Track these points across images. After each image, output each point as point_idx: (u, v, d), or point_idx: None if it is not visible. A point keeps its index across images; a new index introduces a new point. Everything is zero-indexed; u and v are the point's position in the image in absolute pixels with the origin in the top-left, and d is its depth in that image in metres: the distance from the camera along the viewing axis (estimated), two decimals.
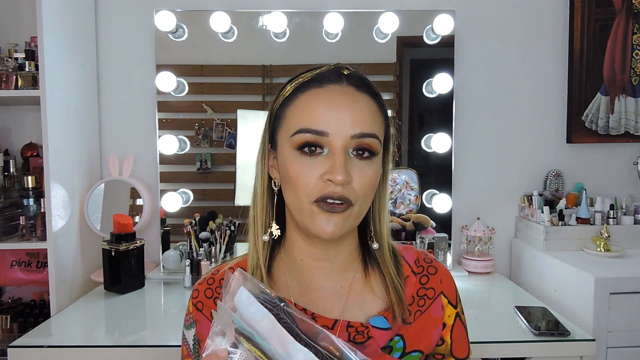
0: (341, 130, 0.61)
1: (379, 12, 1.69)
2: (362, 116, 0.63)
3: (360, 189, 0.63)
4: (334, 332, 0.67)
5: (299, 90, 0.65)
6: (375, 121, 0.65)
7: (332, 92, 0.63)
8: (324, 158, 0.62)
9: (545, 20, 1.80)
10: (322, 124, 0.61)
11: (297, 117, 0.64)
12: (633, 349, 1.35)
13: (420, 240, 1.72)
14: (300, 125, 0.62)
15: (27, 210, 1.49)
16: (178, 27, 1.71)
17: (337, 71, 0.66)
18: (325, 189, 0.61)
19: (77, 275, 1.56)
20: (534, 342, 1.15)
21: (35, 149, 1.72)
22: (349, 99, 0.63)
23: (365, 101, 0.64)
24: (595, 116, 1.79)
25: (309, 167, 0.62)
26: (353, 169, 0.62)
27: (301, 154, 0.62)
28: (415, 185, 1.78)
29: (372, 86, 0.68)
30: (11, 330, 1.55)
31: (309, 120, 0.62)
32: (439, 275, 0.74)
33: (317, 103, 0.63)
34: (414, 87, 1.78)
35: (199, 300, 0.72)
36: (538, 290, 1.60)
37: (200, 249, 1.65)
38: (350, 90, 0.64)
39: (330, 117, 0.61)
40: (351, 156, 0.63)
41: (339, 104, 0.62)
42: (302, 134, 0.62)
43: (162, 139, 1.72)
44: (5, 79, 1.44)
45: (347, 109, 0.62)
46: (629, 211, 1.72)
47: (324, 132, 0.61)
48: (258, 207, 0.70)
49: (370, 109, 0.65)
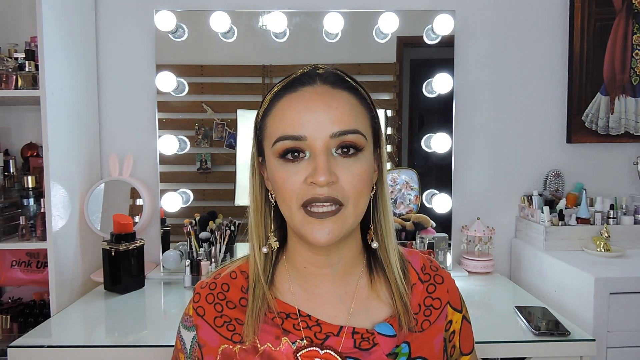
0: (319, 131, 0.60)
1: (379, 12, 1.69)
2: (339, 113, 0.61)
3: (349, 187, 0.61)
4: (340, 338, 0.67)
5: (275, 99, 0.65)
6: (357, 116, 0.63)
7: (306, 95, 0.63)
8: (307, 162, 0.61)
9: (545, 20, 1.80)
10: (299, 129, 0.60)
11: (275, 125, 0.63)
12: (633, 349, 1.35)
13: (420, 240, 1.72)
14: (279, 134, 0.62)
15: (27, 210, 1.49)
16: (178, 27, 1.71)
17: (310, 73, 0.65)
18: (310, 192, 0.60)
19: (77, 275, 1.56)
20: (534, 342, 1.15)
21: (35, 149, 1.72)
22: (323, 99, 0.62)
23: (343, 97, 0.63)
24: (595, 116, 1.79)
25: (293, 173, 0.61)
26: (338, 167, 0.61)
27: (284, 161, 0.62)
28: (415, 185, 1.78)
29: (349, 81, 0.66)
30: (11, 330, 1.55)
31: (286, 127, 0.61)
32: (445, 285, 0.75)
33: (292, 108, 0.62)
34: (414, 87, 1.78)
35: (200, 306, 0.72)
36: (538, 290, 1.60)
37: (200, 249, 1.65)
38: (325, 89, 0.63)
39: (306, 120, 0.61)
40: (335, 155, 0.62)
41: (314, 106, 0.61)
42: (282, 142, 0.61)
43: (162, 139, 1.72)
44: (5, 79, 1.44)
45: (323, 109, 0.61)
46: (629, 211, 1.72)
47: (301, 136, 0.60)
48: (253, 222, 0.69)
49: (349, 104, 0.63)
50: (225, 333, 0.69)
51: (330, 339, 0.67)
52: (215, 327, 0.70)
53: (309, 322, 0.68)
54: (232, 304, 0.71)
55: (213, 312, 0.71)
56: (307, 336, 0.67)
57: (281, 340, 0.67)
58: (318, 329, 0.67)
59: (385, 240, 0.69)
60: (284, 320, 0.68)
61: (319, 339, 0.67)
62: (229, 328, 0.69)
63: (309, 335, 0.67)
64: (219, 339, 0.69)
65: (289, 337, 0.67)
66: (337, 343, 0.67)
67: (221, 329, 0.70)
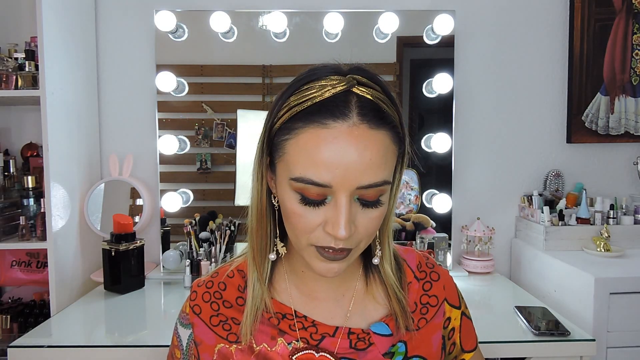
0: (347, 182, 0.54)
1: (379, 12, 1.69)
2: (372, 164, 0.54)
3: (364, 232, 0.58)
4: (335, 339, 0.66)
5: (299, 121, 0.56)
6: (387, 161, 0.57)
7: (338, 136, 0.54)
8: (327, 206, 0.56)
9: (545, 20, 1.80)
10: (325, 176, 0.54)
11: (296, 158, 0.56)
12: (633, 349, 1.35)
13: (420, 240, 1.72)
14: (300, 172, 0.55)
15: (27, 210, 1.49)
16: (178, 27, 1.71)
17: (344, 98, 0.55)
18: (326, 240, 0.57)
19: (77, 275, 1.56)
20: (534, 342, 1.15)
21: (35, 149, 1.72)
22: (358, 144, 0.54)
23: (379, 140, 0.55)
24: (595, 116, 1.79)
25: (310, 213, 0.57)
26: (358, 215, 0.57)
27: (303, 201, 0.57)
28: (415, 185, 1.78)
29: (390, 116, 0.57)
30: (11, 330, 1.55)
31: (310, 169, 0.54)
32: (441, 281, 0.74)
33: (320, 149, 0.54)
34: (414, 87, 1.78)
35: (197, 304, 0.71)
36: (538, 290, 1.60)
37: (200, 249, 1.65)
38: (362, 130, 0.54)
39: (335, 168, 0.53)
40: (356, 202, 0.57)
41: (346, 152, 0.53)
42: (304, 185, 0.55)
43: (162, 139, 1.72)
44: (5, 79, 1.44)
45: (355, 157, 0.54)
46: (629, 211, 1.72)
47: (328, 185, 0.54)
48: (255, 227, 0.65)
49: (383, 148, 0.56)
50: (221, 332, 0.69)
51: (326, 340, 0.66)
52: (211, 326, 0.70)
53: (304, 323, 0.67)
54: (229, 303, 0.70)
55: (209, 311, 0.70)
56: (303, 337, 0.66)
57: (277, 340, 0.67)
58: (314, 329, 0.67)
59: (382, 252, 0.68)
60: (280, 321, 0.67)
61: (314, 340, 0.66)
62: (225, 327, 0.69)
63: (305, 336, 0.67)
64: (215, 337, 0.69)
65: (284, 338, 0.67)
66: (332, 344, 0.66)
67: (217, 328, 0.69)
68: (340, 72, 0.58)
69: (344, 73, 0.58)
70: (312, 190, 0.55)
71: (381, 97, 0.58)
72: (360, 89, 0.57)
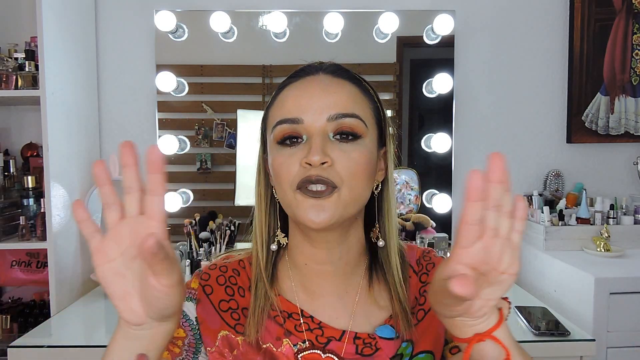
0: (316, 114, 0.61)
1: (379, 12, 1.69)
2: (337, 98, 0.62)
3: (344, 170, 0.60)
4: (342, 343, 0.65)
5: (279, 90, 0.67)
6: (356, 102, 0.64)
7: (306, 82, 0.64)
8: (303, 145, 0.61)
9: (545, 20, 1.80)
10: (295, 112, 0.61)
11: (276, 112, 0.64)
12: (633, 349, 1.34)
13: (420, 240, 1.72)
14: (277, 118, 0.63)
15: (27, 210, 1.49)
16: (178, 27, 1.71)
17: (314, 64, 0.67)
18: (304, 173, 0.60)
19: (77, 275, 1.56)
20: (534, 342, 1.15)
21: (35, 149, 1.72)
22: (323, 84, 0.63)
23: (342, 85, 0.64)
24: (595, 116, 1.79)
25: (290, 156, 0.61)
26: (335, 151, 0.61)
27: (282, 146, 0.62)
28: (415, 185, 1.78)
29: (351, 72, 0.68)
30: (11, 330, 1.55)
31: (284, 111, 0.63)
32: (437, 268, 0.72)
33: (292, 95, 0.64)
34: (414, 87, 1.78)
35: (209, 284, 0.70)
36: (538, 290, 1.60)
37: (200, 249, 1.65)
38: (326, 77, 0.65)
39: (304, 104, 0.62)
40: (332, 139, 0.61)
41: (313, 90, 0.63)
42: (280, 126, 0.62)
43: (162, 139, 1.72)
44: (5, 79, 1.44)
45: (321, 93, 0.62)
46: (629, 211, 1.72)
47: (298, 119, 0.61)
48: (257, 220, 0.70)
49: (348, 91, 0.64)
50: (229, 320, 0.68)
51: (332, 344, 0.66)
52: (219, 310, 0.68)
53: (311, 324, 0.67)
54: (243, 290, 0.70)
55: (222, 295, 0.69)
56: (309, 339, 0.66)
57: (282, 341, 0.66)
58: (320, 332, 0.66)
59: (388, 241, 0.68)
60: (285, 320, 0.67)
61: (320, 343, 0.65)
62: (234, 316, 0.68)
63: (311, 338, 0.66)
64: (219, 322, 0.68)
65: (290, 339, 0.66)
66: (339, 348, 0.65)
67: (225, 314, 0.68)
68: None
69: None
70: (286, 128, 0.62)
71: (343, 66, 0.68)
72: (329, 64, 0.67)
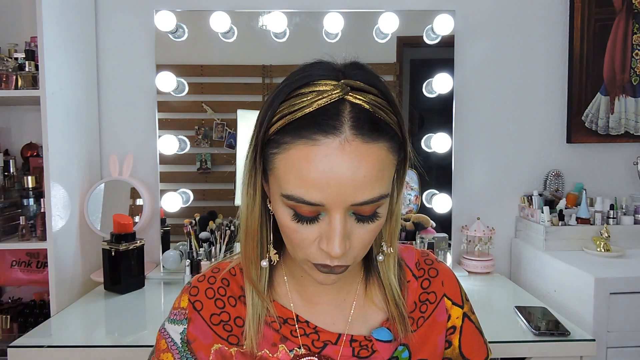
0: (340, 200, 0.51)
1: (379, 12, 1.69)
2: (367, 181, 0.51)
3: (361, 245, 0.56)
4: (338, 346, 0.65)
5: (287, 135, 0.52)
6: (384, 175, 0.53)
7: (329, 154, 0.50)
8: (321, 222, 0.54)
9: (545, 20, 1.80)
10: (316, 196, 0.51)
11: (286, 175, 0.52)
12: (633, 349, 1.35)
13: (420, 240, 1.72)
14: (291, 190, 0.52)
15: (27, 210, 1.49)
16: (178, 27, 1.71)
17: (336, 109, 0.51)
18: (321, 257, 0.55)
19: (77, 275, 1.56)
20: (534, 342, 1.15)
21: (35, 149, 1.72)
22: (351, 163, 0.50)
23: (374, 154, 0.51)
24: (595, 116, 1.79)
25: (304, 229, 0.54)
26: (354, 230, 0.54)
27: (296, 218, 0.54)
28: (415, 185, 1.78)
29: (387, 123, 0.53)
30: (11, 330, 1.55)
31: (301, 188, 0.51)
32: (440, 277, 0.71)
33: (310, 168, 0.50)
34: (414, 87, 1.78)
35: (198, 300, 0.68)
36: (538, 290, 1.60)
37: (200, 249, 1.65)
38: (355, 145, 0.50)
39: (326, 188, 0.50)
40: (352, 216, 0.54)
41: (338, 169, 0.50)
42: (296, 203, 0.52)
43: (162, 139, 1.72)
44: (5, 79, 1.44)
45: (349, 177, 0.50)
46: (629, 211, 1.72)
47: (320, 204, 0.51)
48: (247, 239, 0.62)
49: (379, 162, 0.52)
50: (222, 333, 0.66)
51: (328, 348, 0.64)
52: (210, 324, 0.67)
53: (306, 329, 0.65)
54: (234, 300, 0.68)
55: (212, 308, 0.67)
56: (305, 344, 0.65)
57: (278, 347, 0.65)
58: (316, 336, 0.65)
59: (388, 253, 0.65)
60: (281, 326, 0.65)
61: (316, 348, 0.64)
62: (226, 328, 0.66)
63: (307, 343, 0.65)
64: (212, 336, 0.66)
65: (286, 345, 0.65)
66: (335, 352, 0.64)
67: (217, 328, 0.67)
68: (333, 74, 0.54)
69: (337, 75, 0.54)
70: (304, 208, 0.52)
71: (378, 102, 0.53)
72: (355, 95, 0.52)
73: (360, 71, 0.55)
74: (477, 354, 0.70)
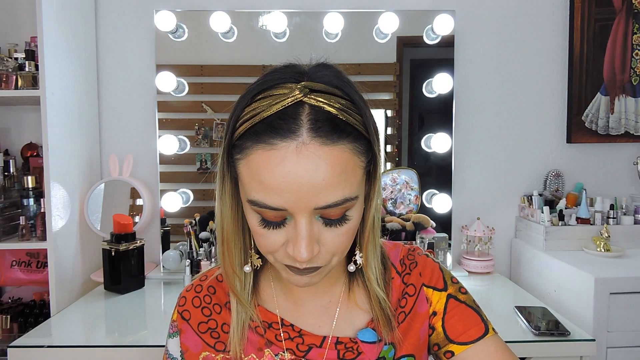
0: (302, 204, 0.50)
1: (379, 12, 1.69)
2: (327, 184, 0.50)
3: (333, 249, 0.55)
4: (323, 349, 0.64)
5: (248, 140, 0.52)
6: (348, 178, 0.51)
7: (286, 157, 0.49)
8: (287, 227, 0.53)
9: (545, 20, 1.80)
10: (278, 201, 0.50)
11: (249, 181, 0.52)
12: (633, 349, 1.35)
13: (420, 240, 1.72)
14: (254, 196, 0.52)
15: (27, 210, 1.49)
16: (178, 27, 1.71)
17: (294, 111, 0.50)
18: (290, 261, 0.55)
19: (77, 275, 1.56)
20: (534, 342, 1.15)
21: (35, 149, 1.72)
22: (308, 167, 0.49)
23: (335, 158, 0.50)
24: (595, 116, 1.79)
25: (271, 233, 0.54)
26: (323, 233, 0.54)
27: (262, 222, 0.54)
28: (415, 185, 1.78)
29: (349, 124, 0.51)
30: (11, 330, 1.55)
31: (262, 193, 0.51)
32: (419, 268, 0.69)
33: (269, 173, 0.50)
34: (414, 87, 1.78)
35: (186, 309, 0.69)
36: (538, 290, 1.60)
37: (200, 249, 1.65)
38: (313, 148, 0.49)
39: (286, 192, 0.50)
40: (319, 220, 0.53)
41: (296, 176, 0.49)
42: (259, 208, 0.52)
43: (162, 139, 1.72)
44: (5, 79, 1.44)
45: (307, 182, 0.49)
46: (629, 211, 1.72)
47: (281, 208, 0.51)
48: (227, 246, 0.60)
49: (340, 164, 0.50)
50: (209, 340, 0.67)
51: (313, 351, 0.64)
52: (198, 333, 0.67)
53: (291, 332, 0.65)
54: (219, 307, 0.68)
55: (199, 317, 0.68)
56: (289, 348, 0.64)
57: (264, 352, 0.65)
58: (300, 340, 0.65)
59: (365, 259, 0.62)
60: (266, 330, 0.65)
61: (301, 351, 0.64)
62: (213, 335, 0.67)
63: (291, 347, 0.64)
64: (201, 345, 0.67)
65: (271, 349, 0.65)
66: (320, 355, 0.64)
67: (204, 335, 0.67)
68: (295, 77, 0.53)
69: (298, 78, 0.53)
70: (269, 213, 0.52)
71: (341, 103, 0.51)
72: (314, 97, 0.51)
73: (325, 72, 0.54)
74: (472, 333, 0.65)
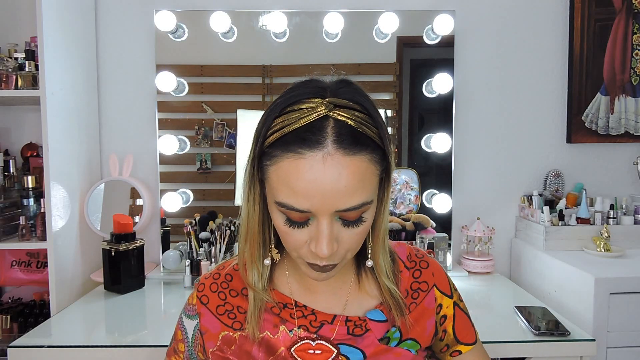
0: (325, 207, 0.57)
1: (379, 12, 1.69)
2: (348, 190, 0.57)
3: (349, 246, 0.62)
4: (334, 326, 0.71)
5: (277, 149, 0.59)
6: (365, 184, 0.59)
7: (313, 166, 0.56)
8: (310, 226, 0.61)
9: (545, 20, 1.80)
10: (304, 204, 0.57)
11: (277, 185, 0.59)
12: (633, 349, 1.35)
13: (420, 240, 1.72)
14: (282, 199, 0.59)
15: (27, 210, 1.49)
16: (178, 27, 1.71)
17: (320, 125, 0.57)
18: (312, 257, 0.62)
19: (77, 275, 1.56)
20: (534, 342, 1.15)
21: (35, 149, 1.72)
22: (332, 174, 0.56)
23: (355, 165, 0.57)
24: (595, 116, 1.79)
25: (296, 232, 0.61)
26: (341, 232, 0.61)
27: (288, 222, 0.61)
28: (415, 185, 1.78)
29: (368, 137, 0.59)
30: (11, 330, 1.56)
31: (290, 197, 0.58)
32: (430, 269, 0.78)
33: (297, 179, 0.57)
34: (414, 87, 1.78)
35: (204, 294, 0.76)
36: (538, 290, 1.60)
37: (200, 249, 1.65)
38: (337, 158, 0.56)
39: (312, 197, 0.57)
40: (338, 221, 0.61)
41: (321, 182, 0.56)
42: (286, 210, 0.59)
43: (162, 139, 1.72)
44: (5, 79, 1.44)
45: (331, 188, 0.56)
46: (629, 211, 1.72)
47: (307, 210, 0.58)
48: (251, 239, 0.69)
49: (360, 172, 0.58)
50: (227, 321, 0.74)
51: (325, 327, 0.71)
52: (217, 315, 0.75)
53: (304, 311, 0.72)
54: (235, 292, 0.75)
55: (216, 301, 0.75)
56: (302, 324, 0.71)
57: (279, 328, 0.72)
58: (313, 317, 0.72)
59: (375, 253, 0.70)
60: (281, 310, 0.73)
61: (314, 327, 0.71)
62: (230, 316, 0.74)
63: (305, 324, 0.71)
64: (220, 326, 0.74)
65: (286, 326, 0.72)
66: (331, 330, 0.71)
67: (222, 317, 0.74)
68: (320, 92, 0.60)
69: (323, 93, 0.60)
70: (294, 214, 0.59)
71: (361, 117, 0.59)
72: (338, 112, 0.58)
73: (345, 88, 0.61)
74: (469, 337, 0.78)
